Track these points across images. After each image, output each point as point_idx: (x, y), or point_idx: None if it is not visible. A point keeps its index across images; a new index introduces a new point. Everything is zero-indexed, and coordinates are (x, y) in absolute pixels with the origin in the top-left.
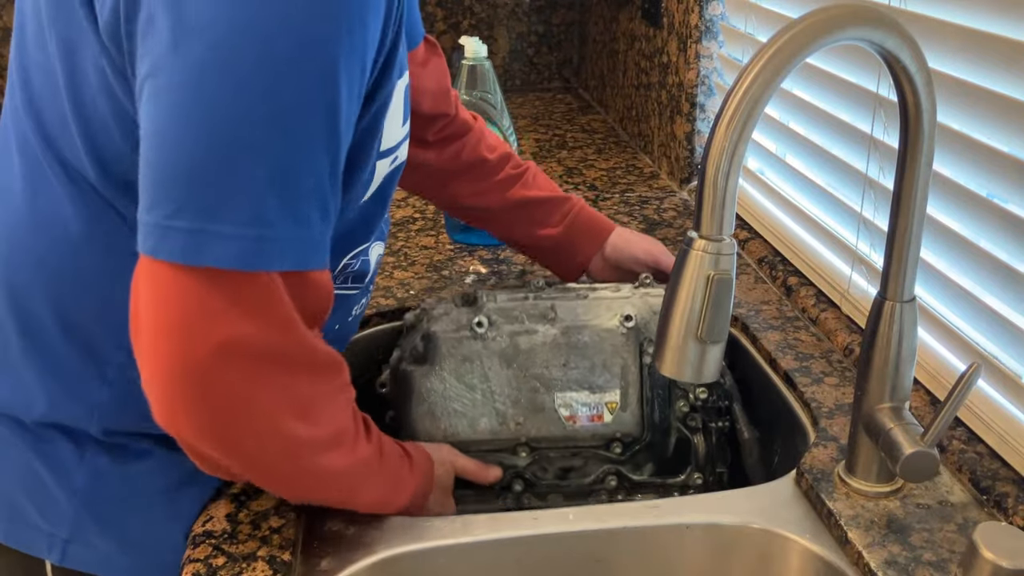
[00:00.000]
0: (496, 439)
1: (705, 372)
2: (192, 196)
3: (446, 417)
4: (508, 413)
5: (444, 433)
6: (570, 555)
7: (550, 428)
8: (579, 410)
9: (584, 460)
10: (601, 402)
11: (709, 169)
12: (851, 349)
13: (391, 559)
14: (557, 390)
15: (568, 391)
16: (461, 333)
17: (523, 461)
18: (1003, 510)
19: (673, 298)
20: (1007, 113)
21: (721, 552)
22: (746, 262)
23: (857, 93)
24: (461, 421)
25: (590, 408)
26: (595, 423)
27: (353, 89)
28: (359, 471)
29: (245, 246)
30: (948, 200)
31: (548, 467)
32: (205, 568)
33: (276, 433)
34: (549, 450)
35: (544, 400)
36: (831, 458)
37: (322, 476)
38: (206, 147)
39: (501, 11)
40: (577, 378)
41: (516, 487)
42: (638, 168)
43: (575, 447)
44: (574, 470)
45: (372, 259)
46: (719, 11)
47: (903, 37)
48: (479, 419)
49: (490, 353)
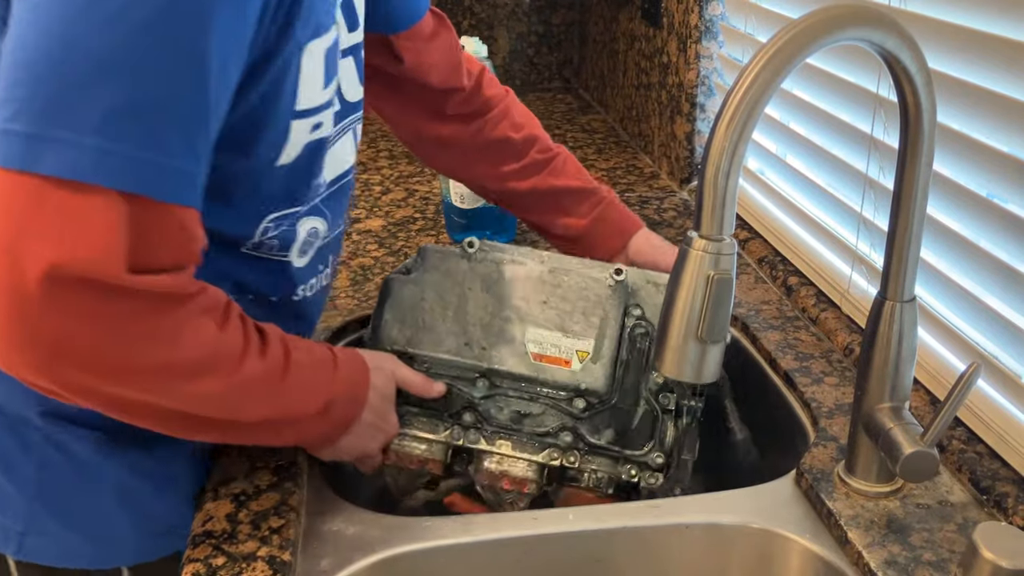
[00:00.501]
0: (457, 361)
1: (705, 372)
2: (34, 98)
3: (413, 327)
4: (475, 336)
5: (407, 342)
6: (570, 555)
7: (514, 362)
8: (548, 350)
9: (542, 408)
10: (572, 348)
11: (709, 169)
12: (851, 349)
13: (391, 559)
14: (531, 324)
15: (541, 328)
16: (450, 249)
17: (479, 392)
18: (1003, 510)
19: (673, 298)
20: (1007, 113)
21: (721, 552)
22: (746, 262)
23: (857, 93)
24: (428, 335)
25: (559, 351)
26: (561, 367)
27: (230, 33)
28: (247, 390)
29: (82, 156)
30: (948, 200)
31: (504, 407)
32: (205, 568)
33: (129, 366)
34: (509, 389)
35: (515, 332)
36: (831, 458)
37: (193, 403)
38: (60, 55)
39: (501, 11)
40: (553, 318)
41: (467, 417)
42: (638, 168)
43: (535, 393)
44: (530, 416)
45: (300, 231)
46: (719, 11)
47: (903, 37)
48: (446, 337)
49: (474, 275)
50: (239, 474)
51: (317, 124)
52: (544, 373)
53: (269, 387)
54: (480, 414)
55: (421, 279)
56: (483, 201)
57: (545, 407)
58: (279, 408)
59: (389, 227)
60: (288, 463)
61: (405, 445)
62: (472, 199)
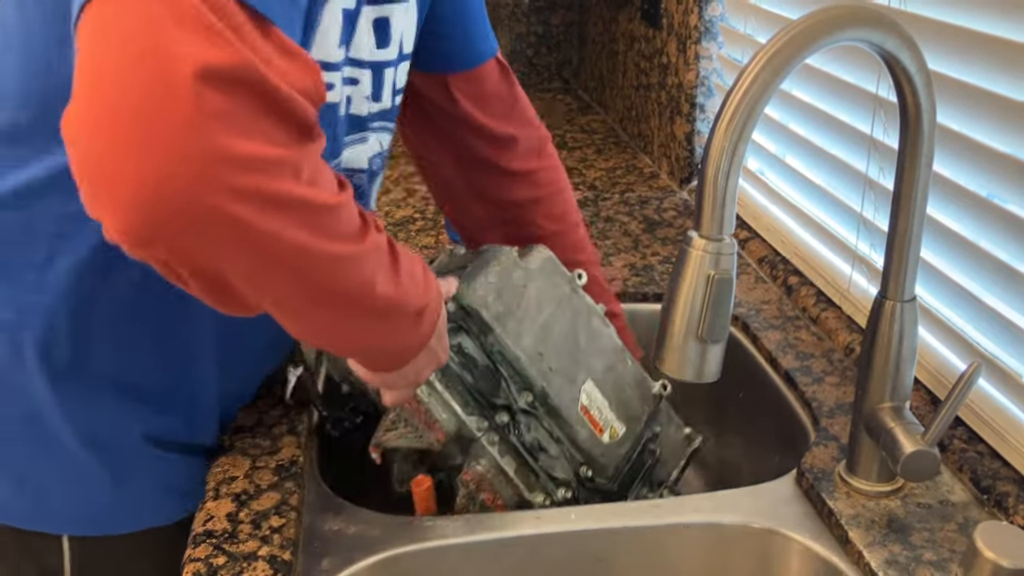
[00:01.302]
0: (523, 364)
1: (706, 371)
2: None
3: (507, 306)
4: (549, 355)
5: (496, 316)
6: (571, 555)
7: (565, 399)
8: (593, 409)
9: (558, 454)
10: (611, 422)
11: (709, 169)
12: (851, 348)
13: (391, 559)
14: (592, 379)
15: (598, 389)
16: (561, 268)
17: (522, 403)
18: (1004, 509)
19: (673, 298)
20: (1007, 114)
21: (721, 552)
22: (746, 262)
23: (857, 94)
24: (514, 323)
25: (601, 416)
26: (595, 431)
27: None
28: (375, 258)
29: None
30: (948, 200)
31: (532, 431)
32: (205, 568)
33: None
34: (545, 418)
35: (578, 375)
36: (832, 457)
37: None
38: None
39: (501, 11)
40: (611, 386)
41: (500, 418)
42: (638, 168)
43: (561, 437)
44: (545, 453)
45: None
46: (719, 12)
47: (903, 38)
48: (526, 336)
49: (569, 304)
50: (239, 474)
51: (329, 84)
52: (581, 426)
53: (389, 264)
54: (513, 423)
55: (530, 272)
56: None
57: (561, 455)
58: (396, 290)
59: (389, 227)
60: (288, 463)
61: (431, 402)
62: None
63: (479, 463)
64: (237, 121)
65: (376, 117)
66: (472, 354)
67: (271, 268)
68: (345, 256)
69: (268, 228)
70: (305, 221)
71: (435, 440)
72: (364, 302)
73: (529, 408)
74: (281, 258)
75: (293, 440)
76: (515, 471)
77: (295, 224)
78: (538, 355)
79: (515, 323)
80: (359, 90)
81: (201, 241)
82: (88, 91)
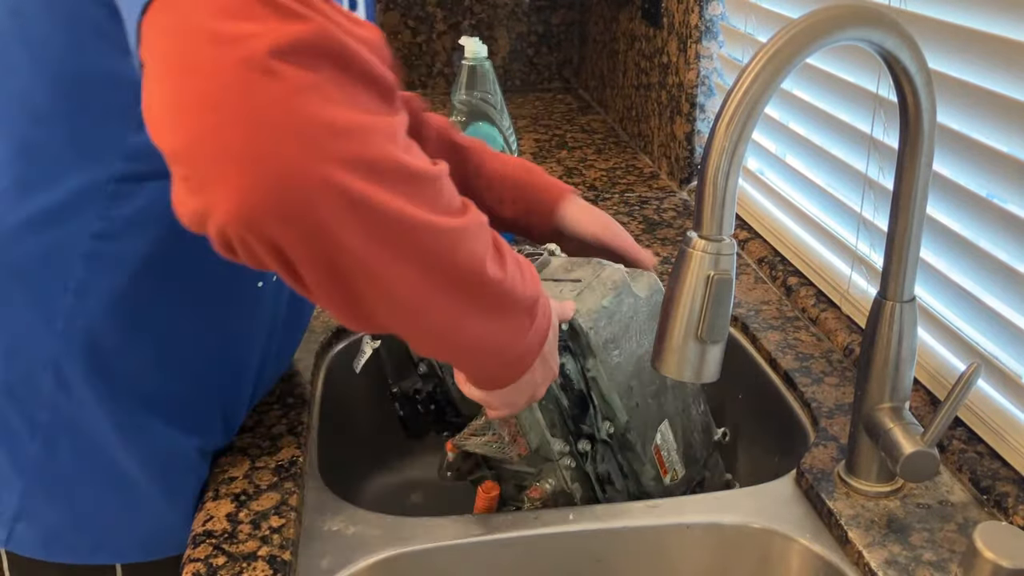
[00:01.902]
0: (614, 394)
1: (705, 372)
2: None
3: (614, 332)
4: (638, 389)
5: (604, 340)
6: (570, 555)
7: (640, 437)
8: (663, 450)
9: (623, 490)
10: (675, 465)
11: (709, 169)
12: (851, 349)
13: (391, 559)
14: (668, 420)
15: (671, 431)
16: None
17: (602, 433)
18: (1003, 510)
19: (673, 298)
20: (1007, 113)
21: (721, 552)
22: (746, 262)
23: (857, 93)
24: (616, 351)
25: (668, 458)
26: (660, 472)
27: None
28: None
29: None
30: (948, 200)
31: (606, 462)
32: (205, 568)
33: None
34: (620, 451)
35: (659, 415)
36: (831, 458)
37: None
38: None
39: (501, 11)
40: (682, 431)
41: (581, 445)
42: (638, 168)
43: (630, 473)
44: (612, 486)
45: None
46: (719, 11)
47: (903, 37)
48: (627, 365)
49: None
50: (239, 474)
51: None
52: (651, 466)
53: (493, 248)
54: (592, 452)
55: (639, 301)
56: None
57: (625, 490)
58: (505, 276)
59: None
60: (288, 463)
61: (522, 416)
62: None
63: (548, 483)
64: (325, 92)
65: None
66: (572, 375)
67: (381, 240)
68: (451, 228)
69: (374, 194)
70: (408, 190)
71: (516, 454)
72: (475, 284)
73: (607, 439)
74: (391, 228)
75: (293, 440)
76: (580, 497)
77: (400, 192)
78: (629, 388)
79: (617, 352)
80: None
81: (313, 216)
82: (176, 82)
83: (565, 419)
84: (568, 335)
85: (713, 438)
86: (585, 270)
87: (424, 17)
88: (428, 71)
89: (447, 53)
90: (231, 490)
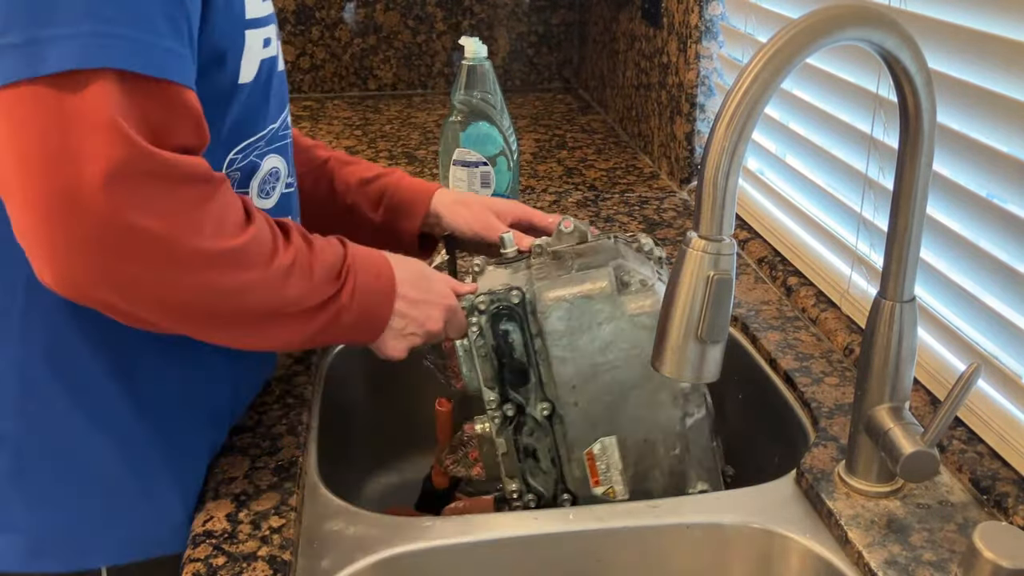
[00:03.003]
0: (551, 384)
1: (705, 372)
2: (19, 6)
3: (567, 330)
4: (584, 391)
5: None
6: (570, 555)
7: (572, 434)
8: (600, 463)
9: (548, 470)
10: (614, 483)
11: (709, 169)
12: (851, 349)
13: (391, 559)
14: (619, 439)
15: (618, 451)
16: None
17: (536, 411)
18: (1003, 510)
19: (673, 298)
20: (1007, 113)
21: (721, 552)
22: (746, 262)
23: (857, 93)
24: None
25: (606, 472)
26: (590, 479)
27: None
28: (285, 276)
29: (84, 43)
30: (948, 200)
31: (534, 436)
32: (205, 568)
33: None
34: (552, 435)
35: (604, 427)
36: (831, 458)
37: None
38: None
39: (501, 11)
40: (637, 457)
41: (508, 410)
42: (638, 168)
43: (559, 461)
44: (533, 461)
45: (264, 165)
46: (719, 11)
47: (903, 37)
48: (572, 363)
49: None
50: (239, 474)
51: (267, 39)
52: (577, 467)
53: (302, 270)
54: (517, 421)
55: (618, 314)
56: None
57: (551, 473)
58: (312, 289)
59: None
60: (288, 463)
61: (464, 358)
62: None
63: (482, 425)
64: (137, 202)
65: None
66: (515, 344)
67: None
68: (252, 284)
69: (177, 281)
70: (212, 266)
71: (457, 387)
72: (277, 316)
73: (542, 420)
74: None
75: (293, 440)
76: (503, 454)
77: (203, 273)
78: (571, 387)
79: (567, 348)
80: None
81: (116, 304)
82: (18, 179)
83: (501, 379)
84: (528, 309)
85: (687, 489)
86: (593, 260)
87: (424, 17)
88: (428, 71)
89: (447, 53)
90: (231, 490)
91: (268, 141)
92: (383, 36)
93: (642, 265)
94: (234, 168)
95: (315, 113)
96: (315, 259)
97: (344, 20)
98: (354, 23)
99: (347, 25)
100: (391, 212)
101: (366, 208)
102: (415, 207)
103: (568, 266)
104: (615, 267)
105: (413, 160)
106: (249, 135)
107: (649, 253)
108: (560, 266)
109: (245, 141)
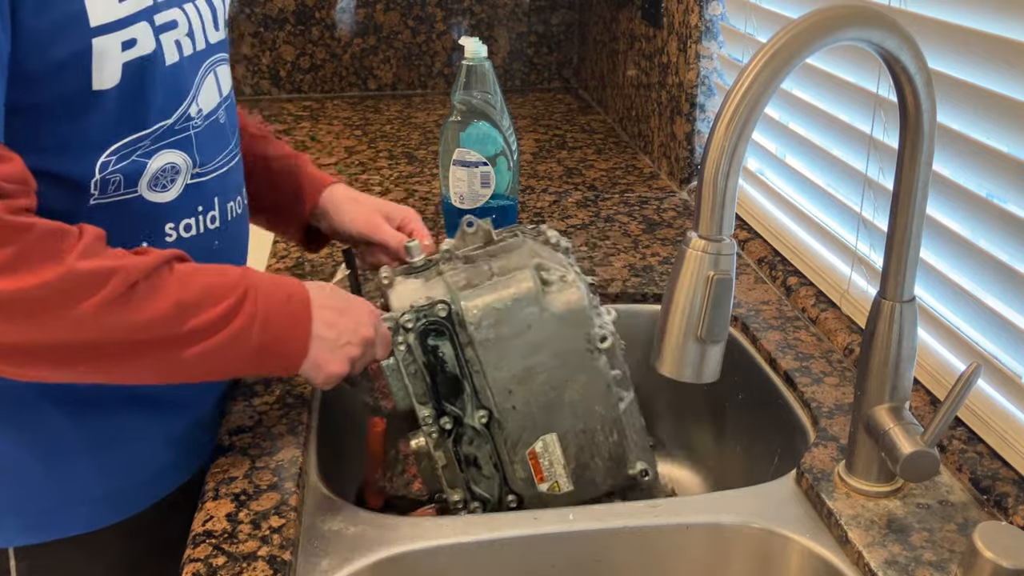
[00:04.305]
0: (486, 392)
1: (705, 372)
2: None
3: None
4: (520, 394)
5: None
6: (570, 555)
7: (513, 437)
8: (543, 460)
9: (491, 475)
10: (559, 477)
11: (709, 169)
12: (851, 349)
13: (391, 559)
14: (559, 435)
15: (559, 447)
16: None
17: (474, 420)
18: (1003, 510)
19: (673, 298)
20: (1007, 113)
21: (721, 552)
22: (746, 262)
23: (857, 93)
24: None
25: (549, 467)
26: (535, 477)
27: None
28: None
29: None
30: (948, 200)
31: (473, 444)
32: (205, 568)
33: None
34: (491, 441)
35: (543, 426)
36: (831, 458)
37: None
38: None
39: (501, 11)
40: (577, 449)
41: (446, 423)
42: (638, 168)
43: (501, 465)
44: (475, 469)
45: (151, 165)
46: (719, 11)
47: (903, 37)
48: (505, 368)
49: (578, 362)
50: (239, 474)
51: (129, 41)
52: (521, 467)
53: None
54: (455, 433)
55: (545, 316)
56: (482, 201)
57: (495, 478)
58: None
59: None
60: (288, 463)
61: (393, 377)
62: (472, 199)
63: (416, 442)
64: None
65: (210, 52)
66: (446, 359)
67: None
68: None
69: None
70: (16, 310)
71: (388, 407)
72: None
73: (480, 428)
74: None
75: (293, 440)
76: (443, 467)
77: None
78: (507, 391)
79: (498, 354)
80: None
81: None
82: None
83: (435, 394)
84: (455, 321)
85: (627, 470)
86: (509, 262)
87: (424, 17)
88: (428, 71)
89: (447, 53)
90: (231, 490)
91: (156, 139)
92: (383, 36)
93: (555, 259)
94: (111, 171)
95: (315, 113)
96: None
97: (337, 21)
98: (347, 23)
99: (342, 26)
100: (282, 193)
101: (262, 184)
102: (306, 195)
103: (485, 271)
104: (535, 266)
105: (413, 160)
106: (123, 136)
107: (556, 245)
108: (475, 270)
109: (118, 142)
